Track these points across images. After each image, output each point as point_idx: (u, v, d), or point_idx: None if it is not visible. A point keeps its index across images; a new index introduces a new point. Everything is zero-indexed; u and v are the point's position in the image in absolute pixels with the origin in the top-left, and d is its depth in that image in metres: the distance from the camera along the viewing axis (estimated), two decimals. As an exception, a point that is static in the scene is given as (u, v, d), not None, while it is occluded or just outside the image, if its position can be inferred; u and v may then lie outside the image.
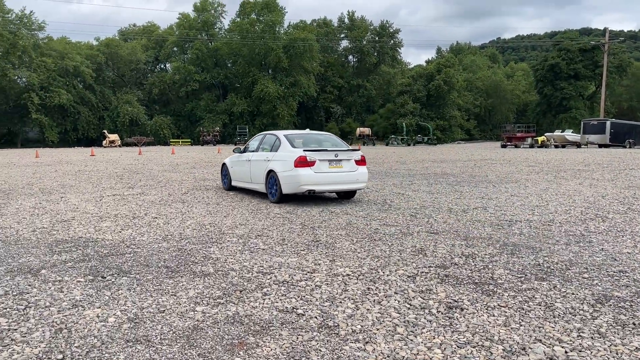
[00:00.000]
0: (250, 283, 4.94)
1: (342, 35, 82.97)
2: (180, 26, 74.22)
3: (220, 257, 5.93)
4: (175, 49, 75.81)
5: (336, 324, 3.91)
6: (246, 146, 12.71)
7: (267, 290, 4.73)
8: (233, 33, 73.14)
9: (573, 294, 4.57)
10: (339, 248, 6.36)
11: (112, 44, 69.58)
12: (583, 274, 5.19)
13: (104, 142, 55.56)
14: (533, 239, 6.83)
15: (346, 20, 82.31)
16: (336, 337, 3.68)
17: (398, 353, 3.43)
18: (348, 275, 5.19)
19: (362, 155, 10.90)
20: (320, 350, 3.48)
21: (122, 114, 64.00)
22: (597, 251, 6.16)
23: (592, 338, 3.65)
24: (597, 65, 71.77)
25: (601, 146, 45.12)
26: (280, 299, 4.47)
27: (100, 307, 4.28)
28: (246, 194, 11.84)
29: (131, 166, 22.21)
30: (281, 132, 11.60)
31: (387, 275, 5.19)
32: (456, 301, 4.40)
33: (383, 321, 3.98)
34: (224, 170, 13.36)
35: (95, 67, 64.46)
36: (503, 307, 4.25)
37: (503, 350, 3.46)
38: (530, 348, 3.48)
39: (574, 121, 67.43)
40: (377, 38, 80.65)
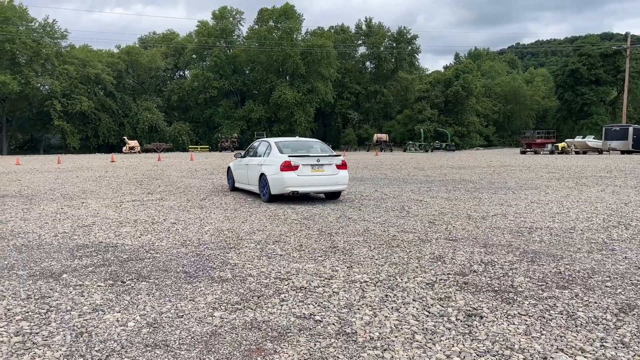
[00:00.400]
0: (267, 289, 4.95)
1: (360, 41, 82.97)
2: (199, 34, 75.04)
3: (238, 263, 5.95)
4: (194, 56, 76.72)
5: (354, 331, 3.89)
6: (246, 151, 13.81)
7: (285, 296, 4.73)
8: (251, 40, 73.77)
9: (596, 303, 4.49)
10: (357, 254, 6.34)
11: (133, 52, 70.72)
12: (606, 283, 5.09)
13: (124, 149, 56.39)
14: (554, 247, 6.72)
15: (363, 26, 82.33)
16: (354, 344, 3.66)
17: (417, 361, 3.40)
18: (366, 281, 5.17)
19: (343, 160, 11.93)
20: (338, 357, 3.47)
21: (142, 121, 64.88)
22: (620, 259, 6.04)
23: (616, 348, 3.57)
24: (619, 70, 70.77)
25: (623, 152, 44.39)
26: (297, 305, 4.47)
27: (120, 312, 4.32)
28: (264, 200, 11.87)
29: (150, 172, 22.47)
30: (273, 140, 12.75)
31: (405, 282, 5.16)
32: (475, 309, 4.35)
33: (401, 328, 3.95)
34: (229, 173, 14.65)
35: (115, 75, 65.51)
36: (524, 316, 4.18)
37: (524, 359, 3.41)
38: (552, 358, 3.42)
39: (595, 127, 66.44)
40: (395, 44, 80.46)
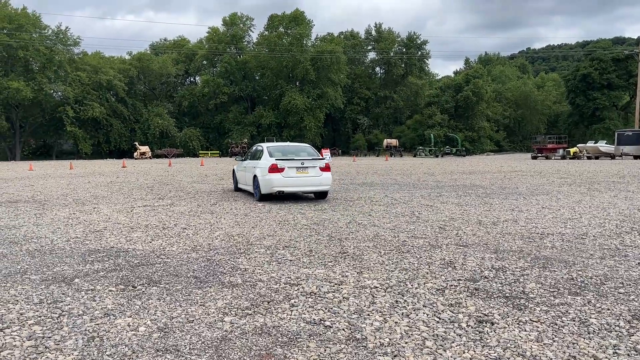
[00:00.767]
0: (277, 294, 4.95)
1: (369, 47, 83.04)
2: (209, 40, 75.56)
3: (248, 268, 5.96)
4: (204, 63, 77.15)
5: (364, 337, 3.88)
6: (246, 155, 15.08)
7: (295, 301, 4.73)
8: (261, 46, 74.14)
9: (608, 310, 4.44)
10: (367, 260, 6.33)
11: (144, 58, 71.29)
12: (619, 289, 5.04)
13: (135, 154, 56.76)
14: (566, 253, 6.67)
15: (373, 32, 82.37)
16: (364, 350, 3.65)
17: (427, 367, 3.38)
18: (376, 287, 5.16)
19: (327, 163, 12.97)
20: (348, 363, 3.46)
21: (153, 127, 65.35)
22: (634, 265, 5.98)
23: (629, 355, 3.53)
24: (632, 74, 70.09)
25: (636, 157, 43.90)
26: (307, 311, 4.47)
27: (131, 316, 4.35)
28: (273, 205, 11.91)
29: (161, 177, 22.60)
30: (265, 145, 13.81)
31: (416, 288, 5.14)
32: (486, 315, 4.33)
33: (412, 334, 3.93)
34: (234, 175, 16.03)
35: (127, 81, 66.05)
36: (535, 322, 4.15)
37: (535, 366, 3.38)
38: (564, 365, 3.39)
39: (608, 132, 65.83)
40: (405, 49, 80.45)
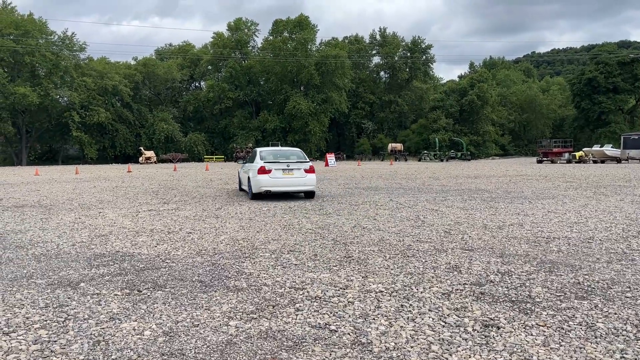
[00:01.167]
0: (282, 298, 4.95)
1: (374, 51, 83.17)
2: (214, 45, 75.84)
3: (253, 272, 5.96)
4: (209, 68, 77.46)
5: (369, 341, 3.87)
6: (247, 159, 16.35)
7: (300, 305, 4.72)
8: (266, 51, 74.34)
9: (615, 314, 4.41)
10: (372, 264, 6.32)
11: (149, 64, 71.62)
12: (626, 293, 5.01)
13: (141, 159, 56.91)
14: (572, 257, 6.63)
15: (378, 36, 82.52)
16: (369, 354, 3.64)
17: (433, 372, 3.37)
18: (381, 291, 5.14)
19: (311, 166, 14.21)
20: (353, 367, 3.45)
21: (158, 131, 65.58)
22: (641, 270, 5.94)
23: (637, 360, 3.51)
24: (637, 78, 69.97)
25: (642, 161, 43.73)
26: (312, 315, 4.46)
27: (136, 321, 4.35)
28: (278, 210, 11.91)
29: (166, 182, 22.66)
30: (259, 149, 15.14)
31: (421, 292, 5.12)
32: (492, 319, 4.30)
33: (417, 339, 3.92)
34: (239, 176, 17.19)
35: (132, 86, 66.38)
36: (542, 327, 4.13)
37: (542, 371, 3.36)
38: (571, 369, 3.37)
39: (613, 136, 65.57)
40: (409, 54, 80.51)
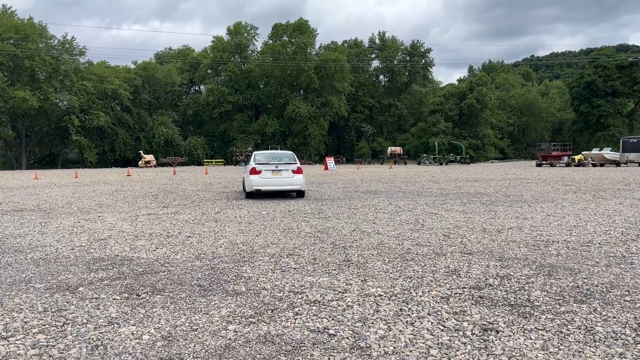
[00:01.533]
0: (281, 302, 4.94)
1: (373, 55, 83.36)
2: (214, 49, 75.99)
3: (252, 276, 5.96)
4: (209, 71, 77.61)
5: (368, 345, 3.87)
6: (247, 162, 17.63)
7: (299, 309, 4.72)
8: (265, 55, 74.49)
9: (614, 318, 4.41)
10: (371, 268, 6.31)
11: (149, 67, 71.76)
12: (625, 297, 5.01)
13: (140, 163, 56.96)
14: (571, 260, 6.63)
15: (377, 40, 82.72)
16: (368, 359, 3.63)
17: (432, 376, 3.36)
18: (380, 295, 5.14)
19: (299, 167, 15.54)
20: (352, 371, 3.44)
21: (158, 135, 65.61)
22: (640, 273, 5.94)
23: (636, 364, 3.50)
24: (636, 81, 70.06)
25: (642, 164, 43.78)
26: (311, 319, 4.46)
27: (135, 325, 4.34)
28: (277, 213, 11.91)
29: (166, 186, 22.66)
30: (256, 152, 16.72)
31: (420, 296, 5.12)
32: (491, 323, 4.30)
33: (416, 343, 3.91)
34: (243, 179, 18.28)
35: (132, 90, 66.45)
36: (541, 330, 4.12)
37: (541, 375, 3.35)
38: (569, 373, 3.37)
39: (612, 139, 65.64)
40: (408, 57, 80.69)
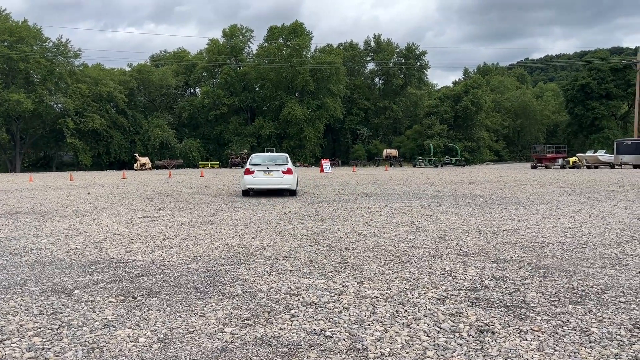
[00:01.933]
0: (278, 304, 4.94)
1: (369, 58, 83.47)
2: (209, 51, 75.85)
3: (248, 279, 5.95)
4: (204, 74, 77.43)
5: (365, 347, 3.87)
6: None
7: (295, 312, 4.72)
8: (261, 57, 74.48)
9: (609, 319, 4.43)
10: (367, 270, 6.32)
11: (144, 70, 71.54)
12: (620, 298, 5.03)
13: (135, 165, 56.76)
14: (566, 262, 6.66)
15: (372, 43, 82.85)
16: (365, 360, 3.64)
17: (428, 377, 3.37)
18: (376, 297, 5.15)
19: (289, 168, 16.82)
20: (348, 373, 3.45)
21: (153, 138, 65.41)
22: (634, 274, 5.97)
23: (631, 364, 3.52)
24: (630, 84, 70.42)
25: (636, 167, 43.96)
26: (308, 321, 4.46)
27: (131, 327, 4.33)
28: (273, 216, 11.90)
29: (161, 188, 22.60)
30: (253, 155, 18.37)
31: (416, 297, 5.13)
32: (487, 324, 4.32)
33: (412, 344, 3.92)
34: None
35: (127, 93, 66.20)
36: (536, 332, 4.14)
37: (537, 375, 3.37)
38: (565, 374, 3.38)
39: (607, 141, 66.03)
40: (404, 60, 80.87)
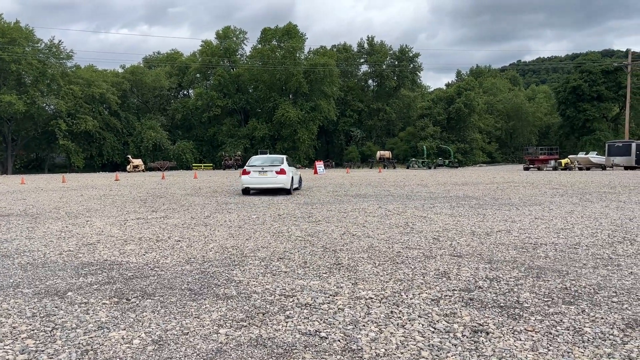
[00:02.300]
0: (272, 306, 4.94)
1: (362, 60, 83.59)
2: (203, 53, 75.70)
3: (242, 280, 5.95)
4: (198, 76, 77.26)
5: (359, 348, 3.88)
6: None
7: (290, 313, 4.72)
8: (254, 59, 74.37)
9: (602, 319, 4.47)
10: (361, 271, 6.33)
11: (137, 72, 71.27)
12: (612, 298, 5.07)
13: (128, 167, 56.49)
14: (559, 262, 6.71)
15: (366, 45, 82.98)
16: (360, 361, 3.65)
17: (423, 377, 3.38)
18: (371, 298, 5.16)
19: (282, 169, 18.05)
20: (344, 373, 3.45)
21: (146, 140, 65.15)
22: (626, 275, 6.02)
23: (624, 364, 3.55)
24: (621, 86, 70.99)
25: (627, 168, 44.33)
26: (302, 322, 4.46)
27: (125, 329, 4.32)
28: (267, 217, 11.89)
29: (155, 190, 22.52)
30: (253, 157, 19.62)
31: (411, 298, 5.15)
32: (481, 325, 4.34)
33: (407, 345, 3.93)
34: None
35: (120, 94, 65.91)
36: (530, 332, 4.17)
37: (531, 375, 3.39)
38: (559, 373, 3.40)
39: (598, 143, 66.52)
40: (397, 62, 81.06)
